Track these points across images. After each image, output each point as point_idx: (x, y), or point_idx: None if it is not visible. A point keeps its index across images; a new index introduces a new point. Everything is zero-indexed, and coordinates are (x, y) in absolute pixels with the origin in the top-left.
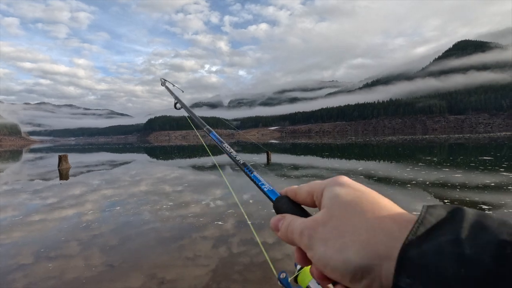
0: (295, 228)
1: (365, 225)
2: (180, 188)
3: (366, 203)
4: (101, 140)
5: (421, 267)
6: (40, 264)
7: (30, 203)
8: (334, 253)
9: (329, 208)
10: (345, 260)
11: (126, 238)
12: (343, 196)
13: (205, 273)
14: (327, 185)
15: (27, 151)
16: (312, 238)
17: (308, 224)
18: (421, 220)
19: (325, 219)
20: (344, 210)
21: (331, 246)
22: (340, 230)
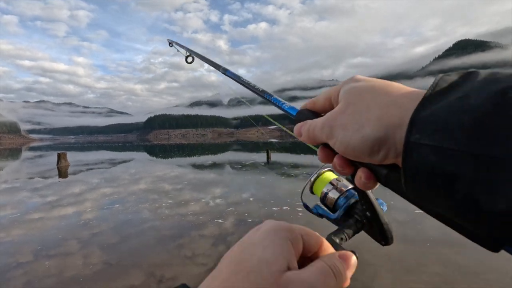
0: (317, 125)
1: (378, 104)
2: (179, 186)
3: (378, 87)
4: (100, 139)
5: (429, 122)
6: (39, 262)
7: (29, 201)
8: (353, 133)
9: (346, 98)
10: (363, 136)
11: (125, 237)
12: (358, 87)
13: (204, 271)
14: (343, 84)
15: (26, 150)
16: (332, 127)
17: (328, 117)
18: (433, 87)
19: (342, 108)
20: (359, 97)
21: (350, 128)
22: (357, 113)
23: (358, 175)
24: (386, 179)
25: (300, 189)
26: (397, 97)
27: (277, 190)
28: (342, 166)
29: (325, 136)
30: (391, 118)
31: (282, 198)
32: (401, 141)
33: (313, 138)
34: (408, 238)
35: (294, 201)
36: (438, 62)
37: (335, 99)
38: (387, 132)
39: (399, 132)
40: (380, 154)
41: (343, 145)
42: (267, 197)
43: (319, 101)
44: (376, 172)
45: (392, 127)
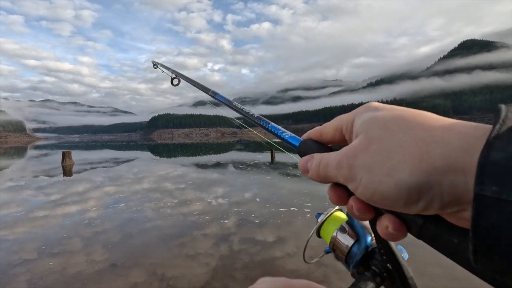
0: (330, 162)
1: (415, 141)
2: (183, 185)
3: (410, 118)
4: (104, 138)
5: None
6: (42, 260)
7: (33, 200)
8: (382, 177)
9: (367, 132)
10: (397, 182)
11: (128, 235)
12: (381, 117)
13: (205, 271)
14: (357, 114)
15: (31, 148)
16: (353, 167)
17: (345, 153)
18: (503, 120)
19: (364, 144)
20: (385, 130)
21: (378, 172)
22: (384, 152)
23: (384, 224)
24: (422, 230)
25: (307, 190)
26: (439, 132)
27: (283, 191)
28: (362, 211)
29: (343, 178)
30: (435, 159)
31: (289, 198)
32: (451, 191)
33: (324, 177)
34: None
35: (301, 202)
36: (443, 62)
37: (348, 130)
38: (429, 179)
39: (448, 179)
40: (419, 205)
41: (369, 191)
42: (273, 198)
43: (327, 131)
44: (408, 221)
45: (437, 172)
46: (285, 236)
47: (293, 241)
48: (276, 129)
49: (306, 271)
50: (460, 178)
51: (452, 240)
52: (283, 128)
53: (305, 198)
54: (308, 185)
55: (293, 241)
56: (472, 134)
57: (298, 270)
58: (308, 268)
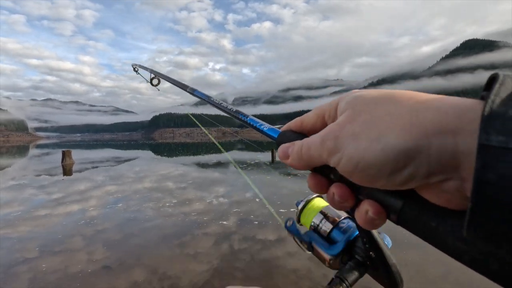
0: (314, 141)
1: (404, 109)
2: (183, 185)
3: (399, 94)
4: (106, 137)
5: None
6: (44, 258)
7: (32, 199)
8: (369, 144)
9: (353, 107)
10: (384, 147)
11: (129, 234)
12: (367, 94)
13: (205, 270)
14: (341, 98)
15: (33, 147)
16: (339, 138)
17: (331, 128)
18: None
19: (351, 117)
20: (373, 104)
21: (365, 138)
22: (372, 121)
23: (363, 209)
24: (401, 214)
25: (307, 190)
26: (430, 102)
27: (283, 190)
28: (343, 196)
29: (327, 152)
30: (425, 123)
31: (289, 198)
32: (439, 153)
33: (307, 158)
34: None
35: None
36: (445, 62)
37: (331, 116)
38: (418, 142)
39: (437, 141)
40: (404, 172)
41: (353, 161)
42: (273, 197)
43: (309, 120)
44: (388, 204)
45: (426, 135)
46: (285, 236)
47: (293, 241)
48: (255, 122)
49: (306, 271)
50: (450, 139)
51: (430, 223)
52: (261, 121)
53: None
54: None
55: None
56: (462, 103)
57: (298, 269)
58: (308, 269)
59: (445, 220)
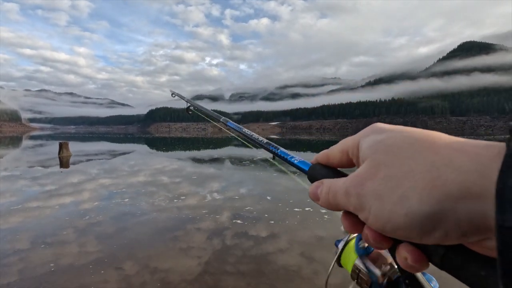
0: (338, 190)
1: (424, 165)
2: (178, 179)
3: (419, 141)
4: (101, 130)
5: None
6: (36, 250)
7: (30, 190)
8: (393, 207)
9: (373, 157)
10: (408, 212)
11: (122, 228)
12: (386, 140)
13: (197, 264)
14: (362, 136)
15: (27, 138)
16: (361, 196)
17: (353, 181)
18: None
19: (371, 171)
20: (392, 155)
21: (388, 200)
22: (393, 178)
23: (402, 255)
24: (445, 260)
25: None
26: (449, 154)
27: (283, 188)
28: (377, 241)
29: (352, 207)
30: (448, 185)
31: (289, 197)
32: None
33: (335, 205)
34: None
35: (301, 201)
36: (442, 63)
37: (354, 154)
38: (443, 207)
39: (464, 206)
40: (435, 235)
41: (380, 222)
42: (285, 197)
43: (334, 156)
44: (428, 251)
45: (451, 199)
46: (278, 232)
47: (286, 237)
48: (286, 155)
49: (297, 267)
50: (477, 205)
51: (479, 272)
52: (292, 153)
53: (305, 197)
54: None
55: (286, 236)
56: (484, 154)
57: (289, 265)
58: (299, 265)
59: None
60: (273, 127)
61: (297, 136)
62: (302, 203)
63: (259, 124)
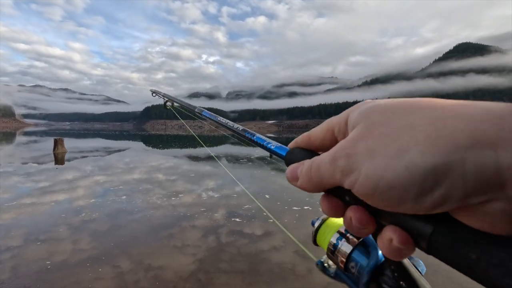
0: (322, 160)
1: (428, 119)
2: (174, 177)
3: (420, 101)
4: (96, 126)
5: None
6: (30, 247)
7: (24, 187)
8: (389, 161)
9: (366, 119)
10: (409, 164)
11: (117, 225)
12: (383, 104)
13: (192, 262)
14: (352, 110)
15: (21, 134)
16: (351, 156)
17: (342, 145)
18: None
19: (363, 132)
20: (390, 114)
21: (383, 155)
22: (390, 134)
23: (386, 237)
24: (432, 242)
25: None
26: (457, 107)
27: (280, 187)
28: (362, 222)
29: (340, 173)
30: (455, 134)
31: (287, 195)
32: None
33: (318, 179)
34: None
35: (299, 199)
36: (438, 64)
37: (341, 131)
38: (449, 158)
39: (473, 156)
40: (434, 194)
41: (371, 182)
42: (283, 196)
43: (317, 136)
44: (415, 231)
45: (459, 149)
46: (272, 230)
47: (280, 236)
48: (262, 140)
49: (292, 264)
50: (489, 153)
51: (470, 254)
52: (269, 139)
53: (304, 196)
54: None
55: (280, 235)
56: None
57: (283, 263)
58: (293, 262)
59: (489, 250)
60: (270, 126)
61: (293, 135)
62: (300, 201)
63: (255, 122)
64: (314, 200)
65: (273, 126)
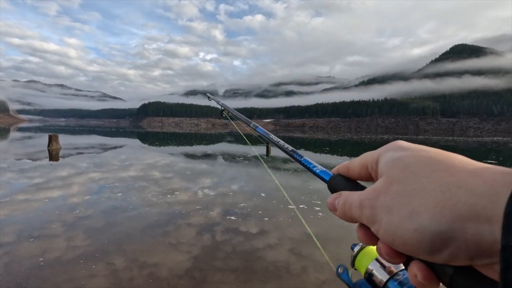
0: (353, 202)
1: (438, 185)
2: (170, 175)
3: (435, 161)
4: (92, 123)
5: None
6: (22, 243)
7: (17, 183)
8: (402, 222)
9: (389, 173)
10: (418, 228)
11: (112, 222)
12: (405, 158)
13: (186, 259)
14: (382, 152)
15: (15, 130)
16: (374, 208)
17: (367, 194)
18: None
19: (385, 186)
20: (408, 173)
21: (398, 214)
22: (406, 194)
23: (412, 272)
24: (453, 281)
25: (312, 186)
26: (464, 176)
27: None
28: (390, 256)
29: (366, 220)
30: (459, 206)
31: (288, 195)
32: (476, 240)
33: (350, 217)
34: None
35: (310, 199)
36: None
37: (373, 169)
38: (452, 226)
39: (472, 228)
40: (443, 253)
41: (390, 236)
42: (279, 195)
43: (354, 168)
44: (437, 270)
45: (461, 220)
46: (267, 229)
47: (275, 234)
48: (308, 163)
49: (285, 262)
50: (486, 227)
51: None
52: (314, 162)
53: (303, 195)
54: (314, 183)
55: (276, 233)
56: (499, 180)
57: (277, 261)
58: (288, 261)
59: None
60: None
61: (290, 134)
62: (293, 199)
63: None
64: (310, 199)
65: (270, 125)
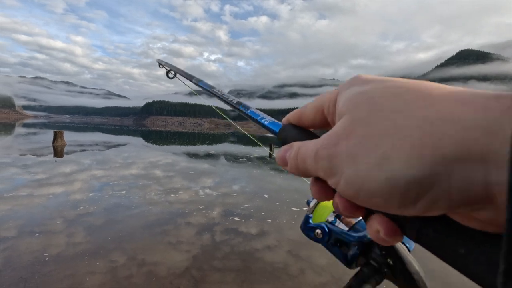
0: (307, 152)
1: (414, 120)
2: (172, 174)
3: (409, 91)
4: (96, 120)
5: None
6: (24, 239)
7: (22, 178)
8: (369, 170)
9: (351, 112)
10: (389, 177)
11: (112, 220)
12: (370, 92)
13: (185, 258)
14: (341, 89)
15: (20, 125)
16: (333, 157)
17: (324, 142)
18: None
19: (347, 129)
20: (375, 109)
21: (363, 162)
22: (373, 136)
23: (373, 227)
24: (421, 234)
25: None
26: (448, 107)
27: (280, 187)
28: (348, 209)
29: (322, 172)
30: (443, 144)
31: (287, 195)
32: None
33: (303, 171)
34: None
35: (297, 199)
36: (439, 70)
37: (330, 112)
38: (435, 170)
39: (460, 170)
40: (417, 205)
41: (352, 188)
42: (282, 197)
43: (307, 114)
44: (403, 223)
45: (445, 161)
46: (267, 229)
47: (274, 235)
48: (256, 115)
49: (284, 264)
50: (478, 168)
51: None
52: (263, 114)
53: (302, 196)
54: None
55: (275, 235)
56: (493, 107)
57: (276, 262)
58: (286, 262)
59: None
60: None
61: None
62: (296, 202)
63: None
64: None
65: None
